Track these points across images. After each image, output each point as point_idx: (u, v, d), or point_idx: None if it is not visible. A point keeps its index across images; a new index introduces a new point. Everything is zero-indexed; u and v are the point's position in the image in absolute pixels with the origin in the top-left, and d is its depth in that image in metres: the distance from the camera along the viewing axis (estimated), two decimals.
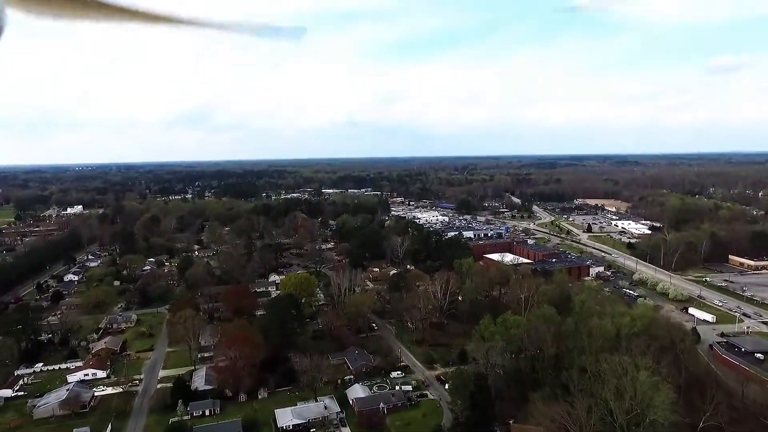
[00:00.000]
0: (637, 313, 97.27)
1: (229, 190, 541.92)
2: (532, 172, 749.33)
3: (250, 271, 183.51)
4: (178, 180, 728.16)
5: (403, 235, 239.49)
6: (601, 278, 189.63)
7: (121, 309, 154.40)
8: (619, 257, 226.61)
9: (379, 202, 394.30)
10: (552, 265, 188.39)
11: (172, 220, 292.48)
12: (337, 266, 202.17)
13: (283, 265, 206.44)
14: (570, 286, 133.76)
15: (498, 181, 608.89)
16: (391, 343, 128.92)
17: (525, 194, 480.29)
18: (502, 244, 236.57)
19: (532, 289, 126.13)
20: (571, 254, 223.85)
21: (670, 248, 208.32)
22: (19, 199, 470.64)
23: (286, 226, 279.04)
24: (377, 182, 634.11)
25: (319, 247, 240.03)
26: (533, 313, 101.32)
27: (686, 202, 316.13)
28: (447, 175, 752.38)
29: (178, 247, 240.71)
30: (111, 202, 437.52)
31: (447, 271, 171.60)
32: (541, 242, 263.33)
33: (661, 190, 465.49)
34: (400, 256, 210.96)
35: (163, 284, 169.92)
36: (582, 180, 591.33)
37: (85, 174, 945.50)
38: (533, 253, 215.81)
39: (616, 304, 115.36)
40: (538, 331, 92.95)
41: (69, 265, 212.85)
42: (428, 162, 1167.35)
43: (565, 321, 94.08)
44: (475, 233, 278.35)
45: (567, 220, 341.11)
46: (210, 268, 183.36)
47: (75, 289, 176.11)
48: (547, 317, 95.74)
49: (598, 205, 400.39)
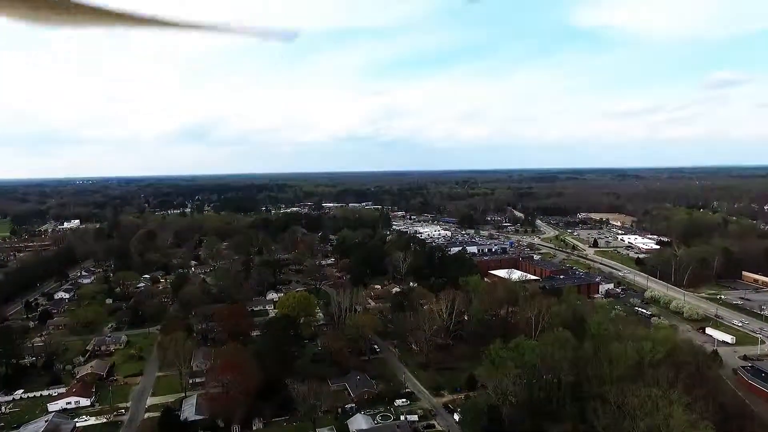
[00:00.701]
0: (660, 337, 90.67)
1: (228, 204, 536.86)
2: (533, 186, 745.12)
3: (247, 288, 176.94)
4: (177, 194, 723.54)
5: (405, 250, 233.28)
6: (611, 295, 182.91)
7: (111, 329, 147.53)
8: (627, 273, 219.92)
9: (380, 217, 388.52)
10: (560, 282, 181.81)
11: (169, 235, 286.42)
12: (338, 283, 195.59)
13: (282, 281, 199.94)
14: (582, 306, 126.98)
15: (499, 195, 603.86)
16: (395, 367, 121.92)
17: (527, 208, 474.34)
18: (508, 259, 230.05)
19: (543, 309, 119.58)
20: (578, 270, 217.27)
21: (681, 264, 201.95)
22: (16, 213, 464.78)
23: (285, 241, 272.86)
24: (378, 196, 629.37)
25: (319, 262, 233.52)
26: (547, 336, 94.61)
27: (694, 216, 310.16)
28: (448, 189, 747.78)
29: (174, 263, 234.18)
30: (109, 216, 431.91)
31: (452, 289, 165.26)
32: (546, 258, 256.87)
33: (665, 204, 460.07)
34: (403, 273, 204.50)
35: (157, 302, 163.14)
36: (584, 194, 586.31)
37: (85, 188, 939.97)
38: (540, 269, 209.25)
39: (634, 325, 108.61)
40: (553, 357, 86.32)
41: (61, 282, 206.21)
42: (428, 176, 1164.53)
43: (583, 346, 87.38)
44: (479, 248, 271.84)
45: (572, 235, 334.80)
46: (205, 285, 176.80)
47: (65, 308, 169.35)
48: (563, 341, 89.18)
49: (603, 219, 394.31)
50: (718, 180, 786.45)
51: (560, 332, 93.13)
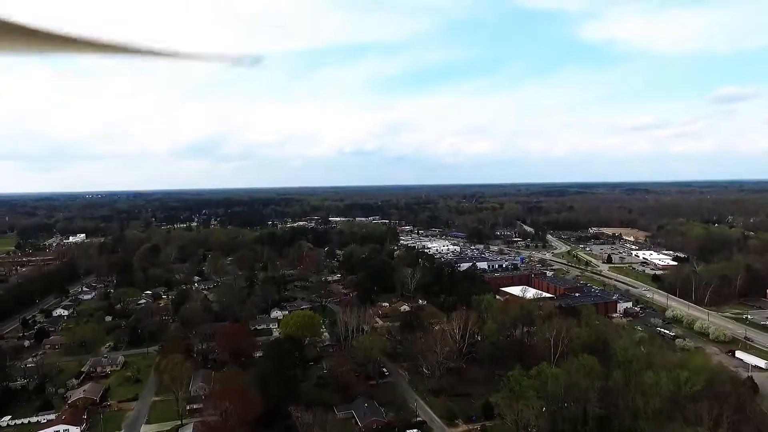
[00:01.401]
0: (696, 366, 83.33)
1: (234, 218, 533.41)
2: (542, 200, 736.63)
3: (250, 305, 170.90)
4: (184, 208, 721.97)
5: (413, 266, 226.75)
6: (629, 315, 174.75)
7: (108, 349, 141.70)
8: (645, 291, 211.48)
9: (388, 231, 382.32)
10: (577, 301, 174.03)
11: (173, 249, 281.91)
12: (344, 300, 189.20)
13: (287, 298, 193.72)
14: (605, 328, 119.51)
15: (508, 209, 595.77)
16: (405, 393, 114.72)
17: (537, 223, 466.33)
18: (520, 276, 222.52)
19: (563, 331, 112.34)
20: (594, 288, 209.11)
21: (701, 281, 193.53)
22: (23, 227, 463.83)
23: (291, 256, 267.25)
24: (385, 210, 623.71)
25: (325, 279, 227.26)
26: (571, 363, 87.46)
27: (711, 231, 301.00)
28: (455, 203, 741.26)
29: (177, 279, 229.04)
30: (115, 230, 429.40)
31: (463, 307, 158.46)
32: (559, 274, 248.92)
33: (678, 219, 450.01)
34: (411, 290, 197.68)
35: (157, 320, 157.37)
36: (594, 208, 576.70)
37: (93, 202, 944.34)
38: (554, 286, 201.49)
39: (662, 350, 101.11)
40: (579, 386, 79.21)
41: (61, 298, 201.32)
42: (435, 190, 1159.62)
43: (612, 374, 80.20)
44: (489, 264, 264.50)
45: (584, 250, 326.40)
46: (207, 303, 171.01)
47: (63, 326, 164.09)
48: (588, 369, 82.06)
49: (616, 234, 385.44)
50: (730, 194, 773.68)
51: (585, 358, 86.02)
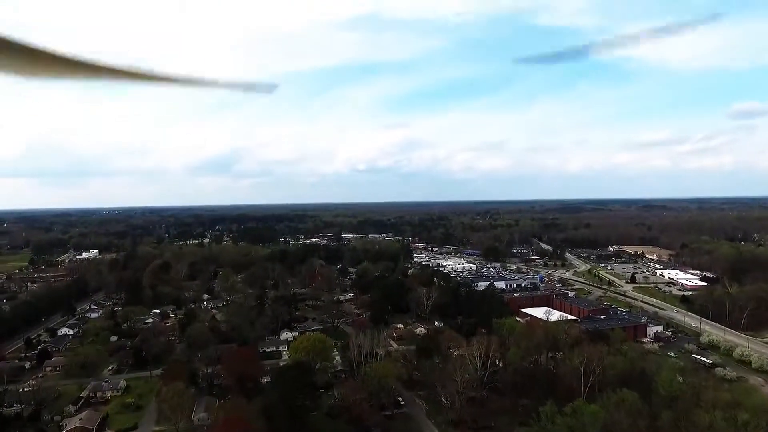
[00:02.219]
0: (754, 404, 73.97)
1: (247, 234, 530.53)
2: (558, 217, 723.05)
3: (260, 326, 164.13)
4: (198, 224, 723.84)
5: (428, 285, 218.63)
6: (660, 339, 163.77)
7: (111, 371, 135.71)
8: (674, 313, 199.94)
9: (402, 248, 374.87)
10: (603, 324, 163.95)
11: (184, 266, 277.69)
12: (357, 321, 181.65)
13: (298, 319, 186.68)
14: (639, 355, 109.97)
15: (524, 226, 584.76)
16: (422, 425, 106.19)
17: (554, 240, 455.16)
18: (540, 296, 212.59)
19: (594, 360, 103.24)
20: (620, 309, 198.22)
21: (737, 304, 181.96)
22: (37, 242, 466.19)
23: (302, 274, 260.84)
24: (398, 227, 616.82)
25: (337, 298, 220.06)
26: (609, 399, 78.59)
27: (741, 250, 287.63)
28: (469, 219, 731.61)
29: (186, 297, 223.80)
30: (128, 246, 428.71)
31: (483, 330, 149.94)
32: (581, 294, 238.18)
33: (702, 237, 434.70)
34: (427, 311, 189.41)
35: (163, 341, 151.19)
36: (613, 225, 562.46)
37: (109, 218, 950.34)
38: (577, 308, 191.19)
39: (707, 381, 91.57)
40: (620, 426, 70.40)
41: (68, 316, 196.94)
42: (448, 206, 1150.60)
43: (659, 414, 71.26)
44: (507, 283, 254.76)
45: (606, 269, 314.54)
46: (215, 323, 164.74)
47: (67, 346, 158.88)
48: (631, 406, 73.25)
49: (638, 252, 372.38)
50: (752, 211, 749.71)
51: (624, 393, 77.23)
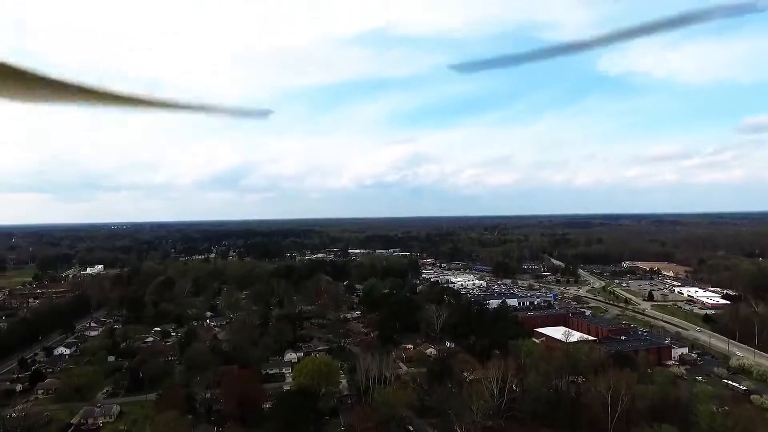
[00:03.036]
0: None
1: (253, 249, 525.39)
2: (568, 232, 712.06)
3: (263, 347, 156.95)
4: (205, 239, 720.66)
5: (438, 303, 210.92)
6: (686, 362, 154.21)
7: (105, 395, 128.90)
8: (697, 333, 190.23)
9: (409, 264, 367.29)
10: (625, 345, 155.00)
11: (187, 283, 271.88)
12: (364, 341, 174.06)
13: (303, 338, 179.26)
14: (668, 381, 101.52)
15: (534, 241, 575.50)
16: None
17: (566, 256, 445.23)
18: (555, 315, 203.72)
19: (623, 388, 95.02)
20: (640, 329, 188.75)
21: (765, 324, 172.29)
22: (42, 257, 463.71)
23: (308, 290, 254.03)
24: (405, 242, 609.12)
25: (344, 316, 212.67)
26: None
27: (762, 267, 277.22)
28: (477, 234, 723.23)
29: (189, 314, 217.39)
30: (133, 262, 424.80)
31: (497, 351, 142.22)
32: (597, 312, 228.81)
33: (718, 253, 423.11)
34: (438, 330, 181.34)
35: (161, 362, 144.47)
36: (625, 241, 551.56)
37: (117, 233, 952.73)
38: (595, 327, 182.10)
39: (750, 412, 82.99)
40: None
41: (66, 334, 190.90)
42: (455, 221, 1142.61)
43: None
44: (520, 301, 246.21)
45: (621, 286, 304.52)
46: (216, 343, 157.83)
47: (63, 366, 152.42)
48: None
49: (653, 269, 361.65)
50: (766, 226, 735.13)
51: (663, 428, 69.22)
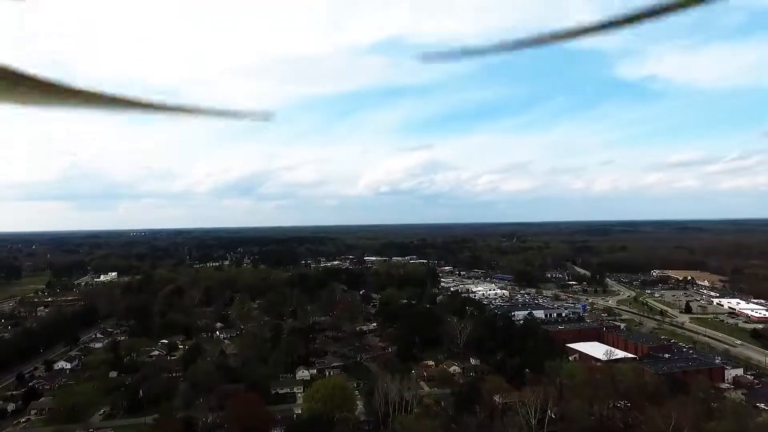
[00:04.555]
0: None
1: (267, 257, 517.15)
2: (588, 239, 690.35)
3: (273, 363, 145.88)
4: (220, 246, 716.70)
5: (460, 315, 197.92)
6: (742, 386, 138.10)
7: (102, 416, 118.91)
8: (748, 351, 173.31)
9: (428, 273, 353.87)
10: (671, 365, 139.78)
11: (198, 291, 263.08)
12: (382, 357, 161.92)
13: (316, 352, 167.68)
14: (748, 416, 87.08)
15: (555, 249, 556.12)
16: None
17: (589, 264, 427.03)
18: (588, 330, 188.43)
19: (687, 425, 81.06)
20: (684, 346, 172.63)
21: None
22: (57, 264, 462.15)
23: (323, 300, 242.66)
24: (421, 250, 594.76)
25: (360, 328, 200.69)
26: None
27: None
28: (496, 241, 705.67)
29: (198, 325, 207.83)
30: (147, 269, 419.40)
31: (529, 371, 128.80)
32: (632, 326, 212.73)
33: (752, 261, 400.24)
34: (461, 345, 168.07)
35: (164, 380, 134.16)
36: (650, 248, 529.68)
37: (135, 239, 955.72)
38: (633, 343, 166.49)
39: None
40: None
41: (70, 346, 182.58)
42: (470, 228, 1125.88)
43: None
44: (547, 313, 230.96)
45: (653, 297, 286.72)
46: (223, 359, 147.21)
47: (62, 382, 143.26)
48: None
49: (686, 278, 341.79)
50: None
51: None
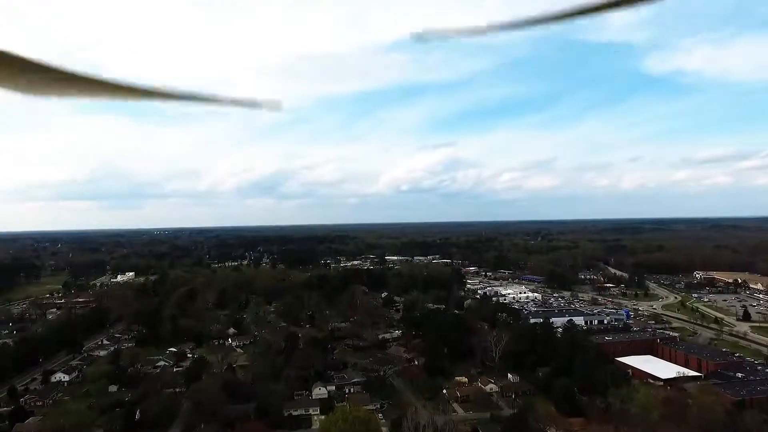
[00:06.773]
0: None
1: (287, 256, 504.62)
2: (619, 238, 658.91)
3: (287, 377, 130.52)
4: (240, 245, 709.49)
5: (492, 322, 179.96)
6: None
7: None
8: None
9: (453, 273, 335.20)
10: (749, 388, 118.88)
11: (212, 294, 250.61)
12: (408, 371, 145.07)
13: (335, 365, 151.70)
14: None
15: (585, 248, 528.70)
16: None
17: (624, 264, 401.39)
18: (640, 341, 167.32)
19: None
20: (755, 361, 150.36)
21: None
22: (75, 264, 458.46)
23: (342, 304, 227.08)
24: (444, 249, 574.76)
25: (382, 336, 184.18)
26: None
27: None
28: (521, 240, 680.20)
29: (210, 332, 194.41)
30: (164, 269, 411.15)
31: (585, 397, 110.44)
32: (685, 336, 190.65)
33: None
34: (496, 358, 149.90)
35: (166, 397, 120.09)
36: (689, 247, 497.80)
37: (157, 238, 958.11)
38: (695, 359, 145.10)
39: None
40: None
41: (73, 354, 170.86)
42: (492, 226, 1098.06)
43: None
44: (587, 320, 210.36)
45: (702, 301, 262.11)
46: (230, 375, 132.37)
47: (57, 397, 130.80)
48: None
49: (737, 280, 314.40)
50: None
51: None
